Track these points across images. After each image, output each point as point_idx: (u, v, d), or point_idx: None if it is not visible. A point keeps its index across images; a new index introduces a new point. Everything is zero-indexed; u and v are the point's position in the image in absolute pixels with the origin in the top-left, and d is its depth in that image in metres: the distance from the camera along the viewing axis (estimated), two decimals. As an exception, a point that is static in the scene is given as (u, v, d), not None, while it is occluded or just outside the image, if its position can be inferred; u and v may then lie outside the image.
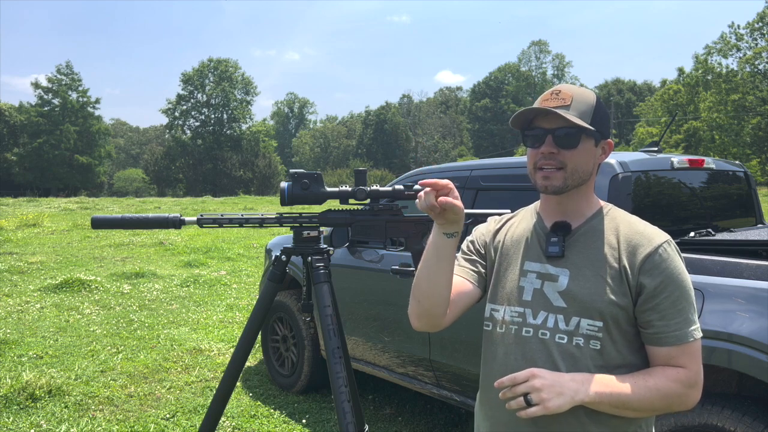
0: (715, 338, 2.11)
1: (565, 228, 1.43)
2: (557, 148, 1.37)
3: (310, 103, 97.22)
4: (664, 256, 1.34)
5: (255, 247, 12.17)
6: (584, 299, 1.36)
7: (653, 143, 3.24)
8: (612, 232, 1.40)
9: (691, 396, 1.33)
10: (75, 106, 55.94)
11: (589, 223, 1.43)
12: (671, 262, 1.34)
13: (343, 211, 2.12)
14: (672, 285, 1.32)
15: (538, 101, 1.42)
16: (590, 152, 1.40)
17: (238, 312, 6.77)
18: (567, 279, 1.39)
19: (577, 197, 1.43)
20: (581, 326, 1.36)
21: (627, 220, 1.43)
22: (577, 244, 1.42)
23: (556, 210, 1.46)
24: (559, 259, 1.41)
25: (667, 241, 1.37)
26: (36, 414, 3.86)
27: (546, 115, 1.37)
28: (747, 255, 2.25)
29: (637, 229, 1.39)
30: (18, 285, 8.09)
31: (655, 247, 1.34)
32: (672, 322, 1.32)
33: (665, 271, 1.33)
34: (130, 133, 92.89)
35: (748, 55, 41.07)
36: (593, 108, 1.39)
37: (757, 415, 2.07)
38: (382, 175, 44.55)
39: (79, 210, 22.57)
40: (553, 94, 1.40)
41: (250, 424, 3.80)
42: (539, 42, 75.24)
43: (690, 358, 1.32)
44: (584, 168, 1.40)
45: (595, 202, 1.47)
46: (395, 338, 3.50)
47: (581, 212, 1.45)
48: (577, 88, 1.41)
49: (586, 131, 1.37)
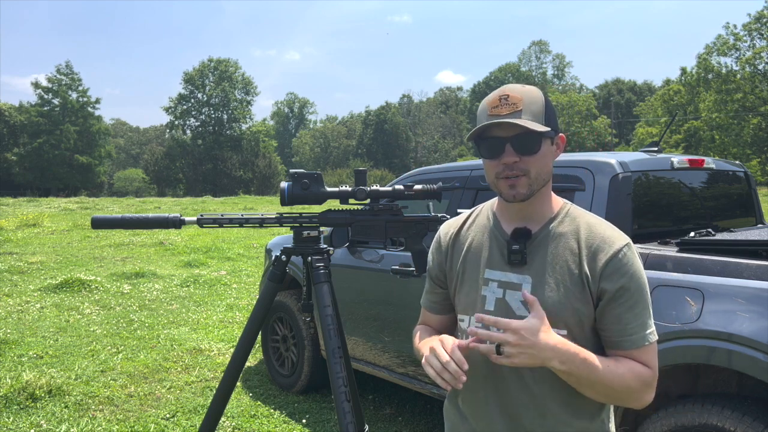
0: (715, 338, 2.11)
1: (525, 235, 1.39)
2: (518, 155, 1.33)
3: (310, 103, 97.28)
4: (624, 260, 1.33)
5: (255, 247, 12.17)
6: (548, 308, 1.31)
7: (653, 143, 3.24)
8: (573, 235, 1.37)
9: (648, 395, 1.34)
10: (75, 106, 55.95)
11: (549, 226, 1.40)
12: (631, 267, 1.33)
13: (343, 211, 2.12)
14: (631, 289, 1.32)
15: (486, 108, 1.36)
16: (549, 153, 1.38)
17: (238, 312, 6.77)
18: (530, 287, 1.36)
19: (539, 200, 1.40)
20: None
21: (587, 222, 1.40)
22: (538, 249, 1.38)
23: (515, 214, 1.42)
24: (521, 267, 1.38)
25: (627, 245, 1.35)
26: (36, 414, 3.86)
27: (499, 124, 1.32)
28: (747, 255, 2.25)
29: (598, 232, 1.37)
30: (18, 285, 8.09)
31: (616, 251, 1.33)
32: (628, 327, 1.32)
33: (625, 275, 1.32)
34: (130, 133, 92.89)
35: (747, 56, 41.06)
36: (544, 107, 1.35)
37: (757, 415, 2.07)
38: (382, 175, 44.56)
39: (79, 210, 22.58)
40: (502, 99, 1.33)
41: (250, 424, 3.80)
42: (539, 42, 75.31)
43: (649, 359, 1.33)
44: (546, 170, 1.37)
45: (554, 202, 1.44)
46: (395, 338, 3.50)
47: (541, 215, 1.41)
48: (523, 88, 1.36)
49: (544, 134, 1.33)
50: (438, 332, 1.56)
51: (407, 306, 3.37)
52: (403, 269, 3.30)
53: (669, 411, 2.25)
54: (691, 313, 2.19)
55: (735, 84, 41.05)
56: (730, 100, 41.06)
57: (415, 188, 2.07)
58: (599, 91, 71.45)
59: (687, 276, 2.28)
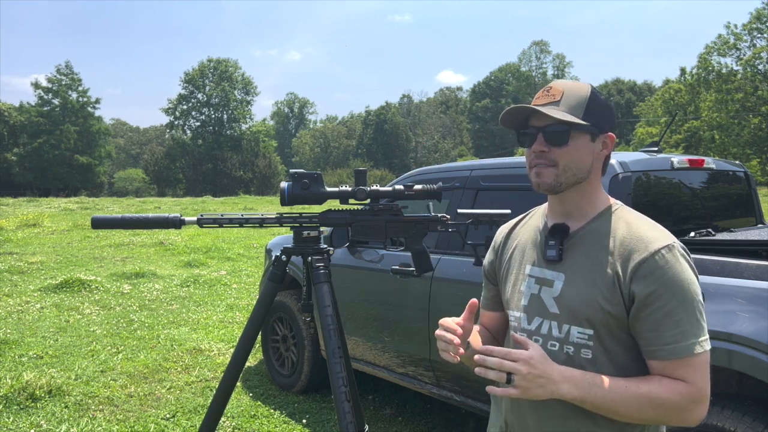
0: (715, 338, 2.11)
1: (562, 231, 1.38)
2: (547, 146, 1.33)
3: (310, 103, 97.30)
4: (661, 262, 1.24)
5: (255, 247, 12.17)
6: (574, 306, 1.31)
7: (653, 143, 3.24)
8: (612, 234, 1.32)
9: (694, 412, 1.25)
10: (75, 106, 55.94)
11: (591, 224, 1.36)
12: (669, 269, 1.24)
13: (343, 211, 2.12)
14: (668, 294, 1.23)
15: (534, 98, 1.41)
16: (585, 148, 1.34)
17: (238, 312, 6.77)
18: (561, 284, 1.35)
19: (577, 196, 1.37)
20: (572, 334, 1.32)
21: (629, 221, 1.34)
22: (576, 247, 1.36)
23: (557, 210, 1.42)
24: (557, 264, 1.37)
25: (668, 246, 1.26)
26: (36, 414, 3.86)
27: (536, 113, 1.34)
28: (747, 255, 2.25)
29: (637, 232, 1.30)
30: (18, 285, 8.09)
31: (651, 253, 1.25)
32: (665, 335, 1.23)
33: (660, 278, 1.23)
34: (130, 133, 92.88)
35: (748, 56, 41.04)
36: (586, 101, 1.33)
37: (757, 415, 2.07)
38: (382, 175, 44.56)
39: (79, 210, 22.58)
40: (545, 91, 1.37)
41: (250, 424, 3.80)
42: (540, 42, 75.25)
43: (691, 372, 1.24)
44: (579, 165, 1.33)
45: (600, 201, 1.40)
46: (395, 338, 3.50)
47: (583, 212, 1.38)
48: (570, 82, 1.37)
49: (575, 126, 1.32)
50: (490, 329, 1.59)
51: (407, 306, 3.37)
52: (403, 269, 3.30)
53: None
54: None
55: (736, 84, 41.02)
56: (730, 100, 41.05)
57: (415, 188, 2.07)
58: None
59: (687, 276, 2.27)
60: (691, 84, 44.96)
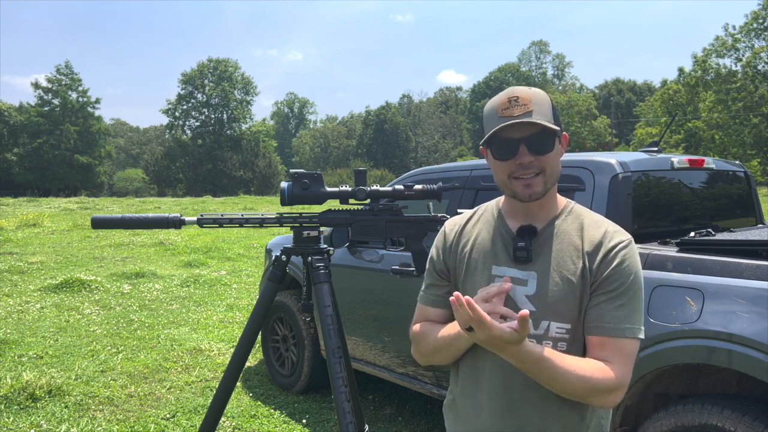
0: (715, 338, 2.11)
1: (531, 231, 1.41)
2: (533, 155, 1.35)
3: (310, 103, 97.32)
4: (621, 252, 1.35)
5: (255, 247, 12.17)
6: (553, 302, 1.36)
7: (653, 143, 3.24)
8: (576, 231, 1.41)
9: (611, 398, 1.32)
10: (75, 106, 55.91)
11: (554, 223, 1.43)
12: (627, 260, 1.35)
13: (343, 211, 2.12)
14: (619, 280, 1.34)
15: (494, 110, 1.37)
16: (558, 151, 1.41)
17: (238, 312, 6.77)
18: (536, 282, 1.39)
19: (545, 199, 1.42)
20: (551, 329, 1.37)
21: (591, 219, 1.44)
22: (543, 246, 1.41)
23: (522, 213, 1.45)
24: (527, 263, 1.40)
25: (628, 240, 1.39)
26: (36, 414, 3.86)
27: (512, 125, 1.34)
28: (747, 255, 2.25)
29: (600, 228, 1.40)
30: (18, 285, 8.09)
31: (615, 244, 1.36)
32: (608, 315, 1.33)
33: (618, 266, 1.34)
34: (130, 133, 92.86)
35: (748, 57, 41.02)
36: (551, 106, 1.38)
37: (757, 415, 2.07)
38: (382, 175, 44.53)
39: (79, 210, 22.57)
40: (511, 101, 1.35)
41: (250, 424, 3.80)
42: (539, 42, 75.30)
43: (618, 355, 1.32)
44: (558, 168, 1.41)
45: (558, 199, 1.47)
46: (395, 338, 3.50)
47: (546, 213, 1.44)
48: (529, 90, 1.38)
49: (555, 132, 1.37)
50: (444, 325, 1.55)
51: (407, 306, 3.36)
52: (403, 269, 3.30)
53: (669, 411, 2.25)
54: (691, 313, 2.19)
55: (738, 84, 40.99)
56: (730, 100, 41.04)
57: (415, 188, 2.07)
58: (599, 91, 71.44)
59: (687, 276, 2.28)
60: (690, 84, 44.94)
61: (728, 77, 41.95)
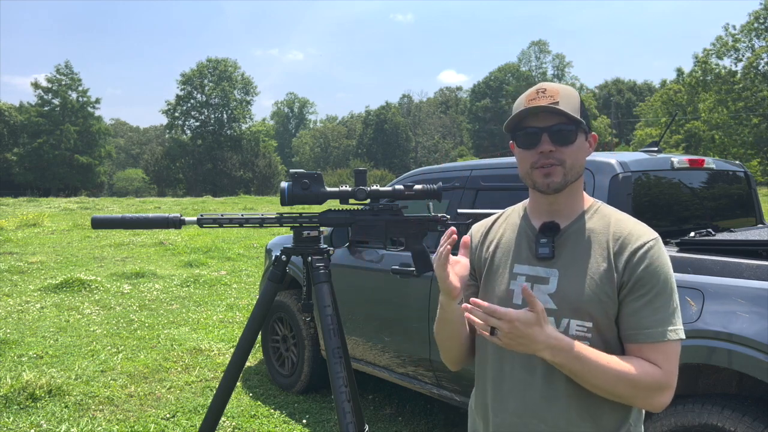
0: (715, 338, 2.11)
1: (553, 229, 1.41)
2: (554, 145, 1.36)
3: (310, 103, 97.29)
4: (650, 253, 1.33)
5: (255, 247, 12.17)
6: (574, 300, 1.35)
7: (653, 143, 3.24)
8: (601, 230, 1.39)
9: (659, 397, 1.29)
10: (75, 106, 55.89)
11: (578, 221, 1.42)
12: (656, 260, 1.33)
13: (343, 211, 2.12)
14: (651, 283, 1.31)
15: (523, 101, 1.39)
16: (583, 147, 1.41)
17: (238, 312, 6.77)
18: (557, 280, 1.38)
19: (569, 195, 1.42)
20: (570, 327, 1.35)
21: (617, 217, 1.41)
22: (566, 244, 1.40)
23: (546, 209, 1.44)
24: (549, 261, 1.40)
25: (655, 239, 1.36)
26: (36, 414, 3.86)
27: (536, 113, 1.36)
28: (747, 255, 2.25)
29: (626, 227, 1.38)
30: (18, 285, 8.09)
31: (642, 244, 1.34)
32: (645, 320, 1.30)
33: (648, 267, 1.32)
34: (130, 133, 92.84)
35: (750, 58, 40.99)
36: (579, 103, 1.39)
37: (757, 415, 2.07)
38: (382, 175, 44.51)
39: (79, 210, 22.56)
40: (539, 92, 1.37)
41: (250, 424, 3.80)
42: (539, 42, 75.24)
43: (663, 358, 1.30)
44: (580, 163, 1.40)
45: (584, 198, 1.46)
46: (395, 338, 3.50)
47: (571, 210, 1.43)
48: (560, 85, 1.40)
49: (580, 126, 1.37)
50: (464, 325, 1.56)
51: (407, 306, 3.37)
52: (403, 269, 3.30)
53: (669, 411, 2.25)
54: (691, 313, 2.19)
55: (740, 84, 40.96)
56: (731, 100, 41.02)
57: (415, 188, 2.07)
58: (599, 91, 71.45)
59: (687, 276, 2.28)
60: (690, 84, 44.93)
61: (728, 77, 41.93)
